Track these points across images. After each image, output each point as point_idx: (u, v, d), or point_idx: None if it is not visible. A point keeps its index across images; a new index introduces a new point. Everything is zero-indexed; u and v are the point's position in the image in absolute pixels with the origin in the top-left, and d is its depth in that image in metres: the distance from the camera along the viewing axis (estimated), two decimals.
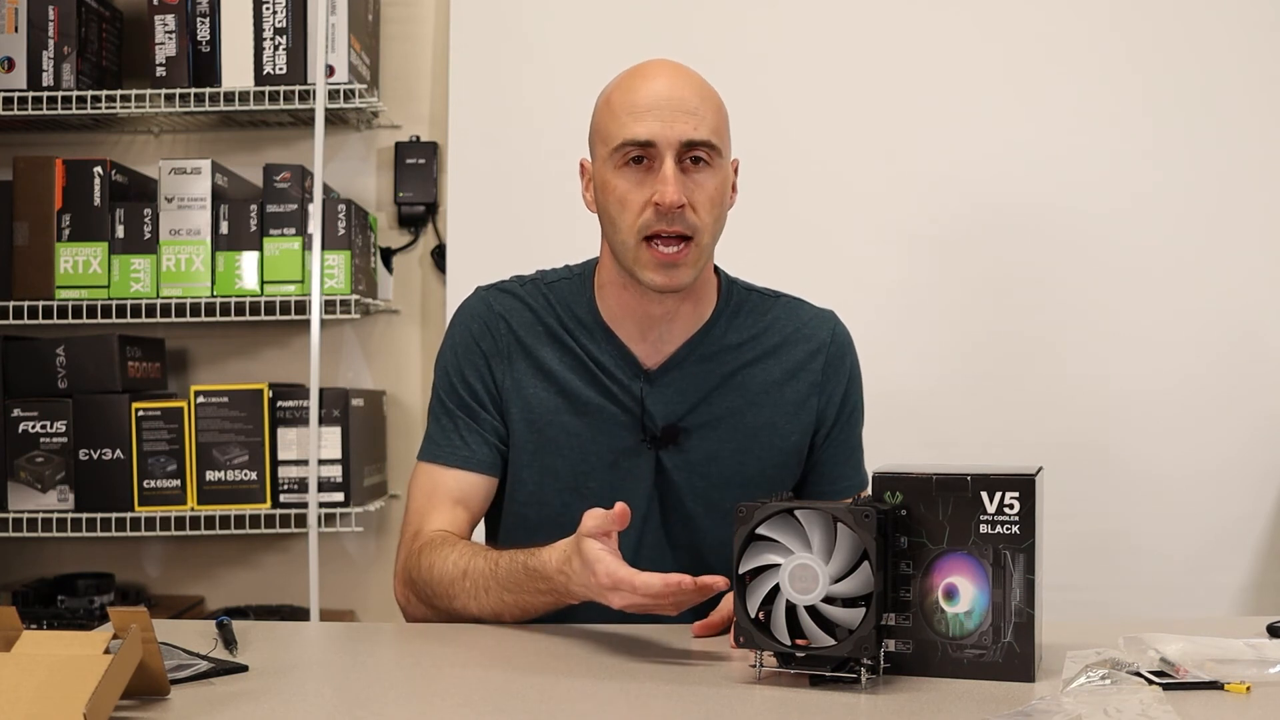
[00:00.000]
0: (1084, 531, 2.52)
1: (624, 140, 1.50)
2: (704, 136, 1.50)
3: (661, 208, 1.48)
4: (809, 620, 1.17)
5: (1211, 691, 1.14)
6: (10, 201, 2.56)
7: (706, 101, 1.53)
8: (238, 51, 2.59)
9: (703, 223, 1.50)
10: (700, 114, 1.50)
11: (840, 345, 1.66)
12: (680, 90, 1.51)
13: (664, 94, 1.50)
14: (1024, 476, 1.18)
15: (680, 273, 1.51)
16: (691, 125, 1.49)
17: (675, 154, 1.49)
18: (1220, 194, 2.62)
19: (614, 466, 1.57)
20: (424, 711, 1.15)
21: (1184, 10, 2.63)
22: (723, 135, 1.54)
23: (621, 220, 1.51)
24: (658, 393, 1.58)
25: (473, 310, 1.64)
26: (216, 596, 2.80)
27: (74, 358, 2.54)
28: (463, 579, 1.46)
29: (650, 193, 1.49)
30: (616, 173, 1.51)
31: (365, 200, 2.81)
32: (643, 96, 1.51)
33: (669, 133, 1.48)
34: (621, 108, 1.52)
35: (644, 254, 1.50)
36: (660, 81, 1.52)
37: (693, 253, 1.51)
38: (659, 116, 1.49)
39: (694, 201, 1.50)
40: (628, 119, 1.50)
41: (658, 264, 1.50)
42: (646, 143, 1.49)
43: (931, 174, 2.64)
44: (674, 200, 1.47)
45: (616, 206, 1.51)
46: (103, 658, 1.05)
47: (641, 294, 1.56)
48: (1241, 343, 2.61)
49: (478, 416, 1.60)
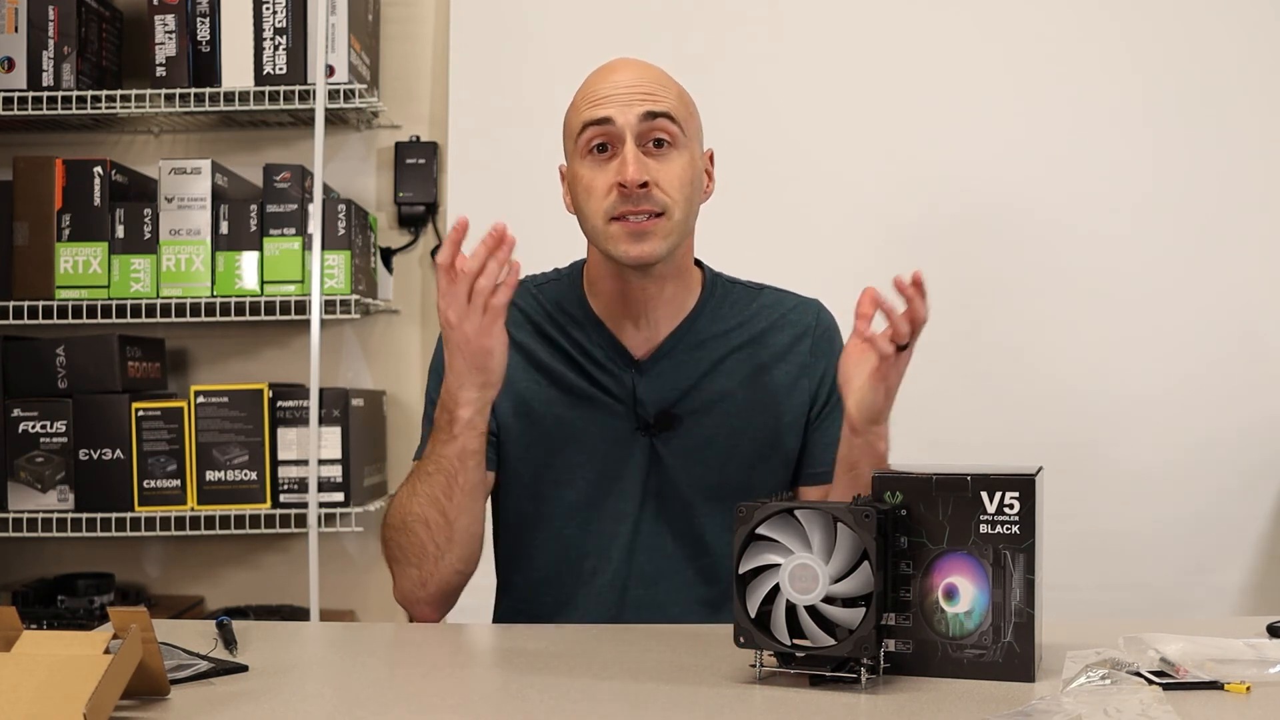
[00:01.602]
0: (1084, 531, 2.52)
1: (583, 124, 1.53)
2: (662, 108, 1.52)
3: (625, 189, 1.49)
4: (809, 620, 1.17)
5: (1211, 691, 1.14)
6: (10, 201, 2.56)
7: (666, 86, 1.56)
8: (238, 51, 2.59)
9: (672, 199, 1.52)
10: (658, 95, 1.53)
11: (825, 328, 1.68)
12: (638, 76, 1.55)
13: (622, 81, 1.54)
14: (1024, 476, 1.18)
15: (650, 242, 1.51)
16: (649, 101, 1.52)
17: (635, 134, 1.51)
18: (1220, 194, 2.62)
19: (608, 455, 1.59)
20: (424, 711, 1.15)
21: (1183, 10, 2.63)
22: (686, 118, 1.56)
23: (589, 207, 1.53)
24: (648, 381, 1.59)
25: None
26: (216, 596, 2.80)
27: (74, 358, 2.54)
28: (401, 491, 1.54)
29: (614, 177, 1.51)
30: (582, 161, 1.54)
31: (365, 200, 2.81)
32: (602, 86, 1.55)
33: (626, 112, 1.51)
34: (583, 100, 1.56)
35: (613, 229, 1.52)
36: (620, 73, 1.56)
37: (664, 225, 1.52)
38: (616, 100, 1.52)
39: (659, 180, 1.51)
40: (586, 108, 1.54)
41: (627, 234, 1.51)
42: (604, 120, 1.51)
43: (931, 173, 2.64)
44: (635, 177, 1.48)
45: (584, 195, 1.54)
46: (103, 658, 1.05)
47: (626, 280, 1.58)
48: (1242, 343, 2.61)
49: None
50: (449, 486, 1.48)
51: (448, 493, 1.48)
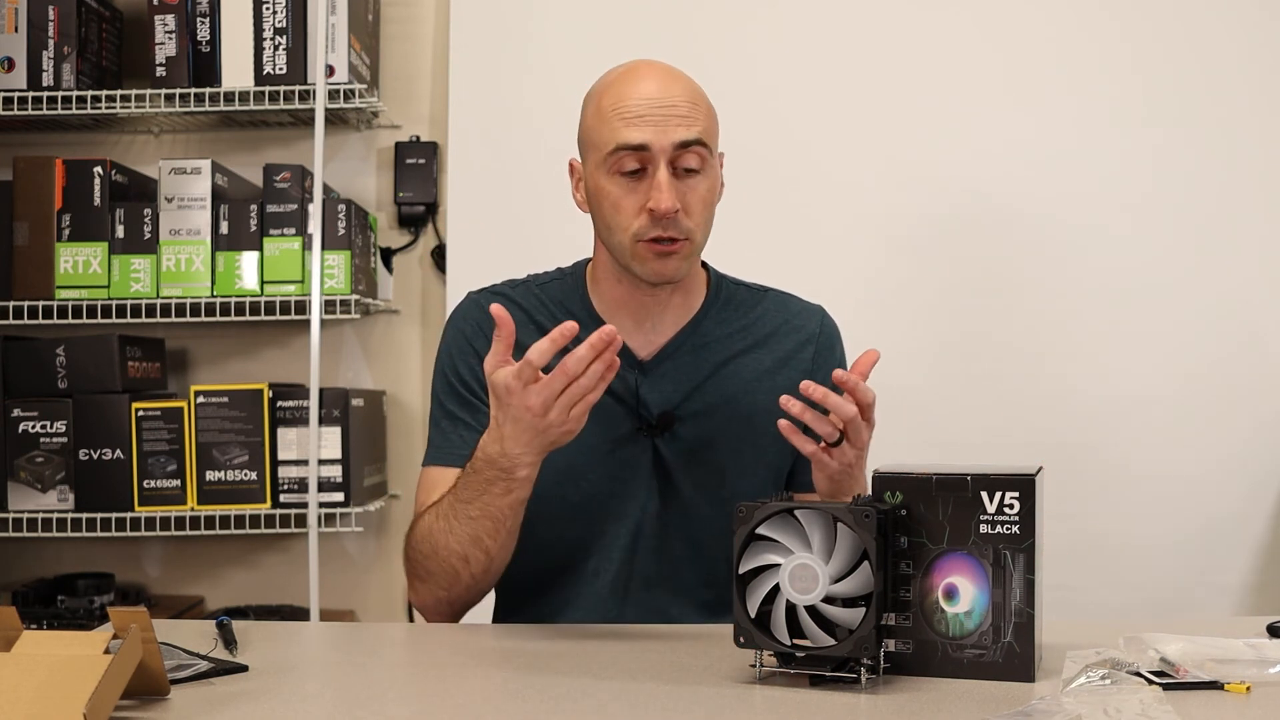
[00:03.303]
0: (1084, 531, 2.52)
1: (618, 145, 1.50)
2: (696, 134, 1.51)
3: (656, 214, 1.49)
4: (809, 620, 1.17)
5: (1211, 691, 1.14)
6: (10, 201, 2.56)
7: (698, 104, 1.54)
8: (238, 51, 2.58)
9: (695, 224, 1.53)
10: (692, 117, 1.52)
11: (829, 335, 1.68)
12: (671, 92, 1.52)
13: (655, 97, 1.51)
14: (1024, 476, 1.18)
15: (673, 264, 1.53)
16: (684, 128, 1.50)
17: (669, 159, 1.50)
18: (1220, 194, 2.62)
19: (611, 455, 1.58)
20: (424, 711, 1.15)
21: (1183, 10, 2.63)
22: (713, 135, 1.56)
23: (616, 224, 1.53)
24: (652, 382, 1.59)
25: (465, 312, 1.66)
26: (216, 596, 2.80)
27: (74, 358, 2.54)
28: (435, 521, 1.50)
29: (644, 199, 1.50)
30: (610, 179, 1.53)
31: (365, 200, 2.81)
32: (633, 101, 1.51)
33: (662, 139, 1.49)
34: (613, 112, 1.52)
35: (640, 249, 1.52)
36: (650, 84, 1.53)
37: (686, 248, 1.54)
38: (651, 121, 1.50)
39: (687, 206, 1.51)
40: (619, 124, 1.51)
41: (653, 255, 1.52)
42: (640, 147, 1.50)
43: (932, 174, 2.64)
44: (669, 208, 1.49)
45: (611, 212, 1.53)
46: (103, 658, 1.05)
47: (635, 285, 1.58)
48: (1243, 343, 2.61)
49: (476, 412, 1.60)
50: (495, 530, 1.47)
51: (494, 535, 1.47)
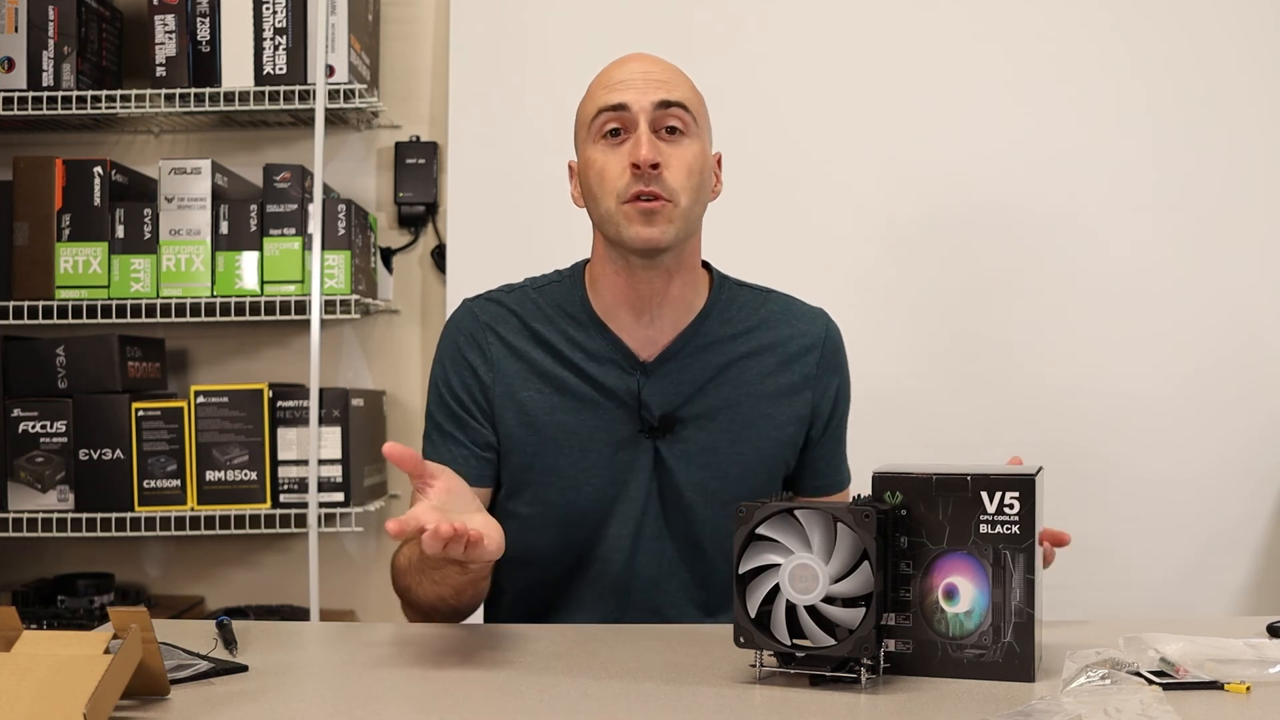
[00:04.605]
0: (1083, 531, 2.50)
1: (598, 108, 1.54)
2: (677, 97, 1.54)
3: (637, 169, 1.50)
4: (809, 620, 1.16)
5: (1211, 691, 1.14)
6: (10, 201, 2.56)
7: (680, 77, 1.58)
8: (238, 51, 2.59)
9: (679, 186, 1.52)
10: (672, 83, 1.56)
11: (834, 343, 1.68)
12: (653, 65, 1.58)
13: (637, 69, 1.56)
14: (1024, 476, 1.18)
15: (659, 227, 1.51)
16: (664, 91, 1.54)
17: (649, 119, 1.52)
18: (1221, 194, 2.62)
19: (613, 458, 1.58)
20: (424, 711, 1.15)
21: (1183, 10, 2.64)
22: (697, 108, 1.58)
23: (602, 190, 1.54)
24: (654, 384, 1.58)
25: (459, 323, 1.65)
26: (216, 596, 2.80)
27: (74, 358, 2.54)
28: (408, 567, 1.51)
29: (627, 160, 1.52)
30: (595, 146, 1.55)
31: (365, 200, 2.81)
32: (617, 73, 1.57)
33: (641, 98, 1.53)
34: (598, 87, 1.58)
35: (626, 209, 1.52)
36: (635, 62, 1.58)
37: (671, 210, 1.52)
38: (632, 85, 1.54)
39: (669, 165, 1.52)
40: (601, 94, 1.56)
41: (639, 214, 1.51)
42: (619, 105, 1.53)
43: (932, 173, 2.64)
44: (648, 157, 1.49)
45: (597, 180, 1.54)
46: (103, 658, 1.05)
47: (631, 273, 1.57)
48: (1243, 343, 2.61)
49: (466, 427, 1.60)
50: (458, 594, 1.48)
51: (458, 597, 1.48)
